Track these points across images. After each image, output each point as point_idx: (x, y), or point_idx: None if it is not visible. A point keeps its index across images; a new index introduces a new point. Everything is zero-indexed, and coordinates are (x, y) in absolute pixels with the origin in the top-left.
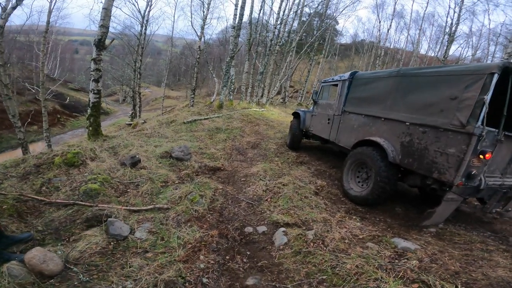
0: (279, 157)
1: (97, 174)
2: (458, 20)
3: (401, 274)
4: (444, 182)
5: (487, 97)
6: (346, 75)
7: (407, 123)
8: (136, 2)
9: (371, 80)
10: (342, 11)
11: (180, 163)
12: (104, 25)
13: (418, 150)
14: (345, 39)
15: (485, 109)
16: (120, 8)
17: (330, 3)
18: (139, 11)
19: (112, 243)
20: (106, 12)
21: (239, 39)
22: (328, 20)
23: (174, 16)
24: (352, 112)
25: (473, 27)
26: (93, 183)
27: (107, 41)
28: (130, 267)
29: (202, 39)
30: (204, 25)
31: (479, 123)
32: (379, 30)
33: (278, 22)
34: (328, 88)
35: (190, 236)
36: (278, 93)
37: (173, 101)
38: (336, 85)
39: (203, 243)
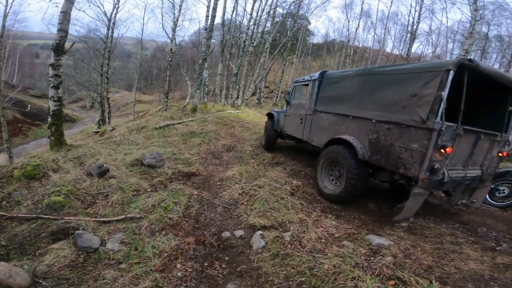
0: (255, 158)
1: (61, 186)
2: (419, 18)
3: (377, 271)
4: (410, 177)
5: (444, 93)
6: (316, 74)
7: (373, 121)
8: (102, 4)
9: (339, 79)
10: (313, 11)
11: (153, 170)
12: (63, 29)
13: (385, 146)
14: (317, 39)
15: (443, 105)
16: (83, 11)
17: (302, 3)
18: (105, 14)
19: (82, 256)
20: (65, 16)
21: (213, 40)
22: (300, 20)
23: (143, 19)
24: (323, 111)
25: (433, 25)
26: (57, 196)
27: (67, 45)
28: (103, 279)
29: (174, 42)
30: (175, 27)
31: (438, 118)
32: (348, 30)
33: (251, 23)
34: (300, 88)
35: (166, 245)
36: (253, 94)
37: (145, 106)
38: (307, 85)
39: (179, 251)
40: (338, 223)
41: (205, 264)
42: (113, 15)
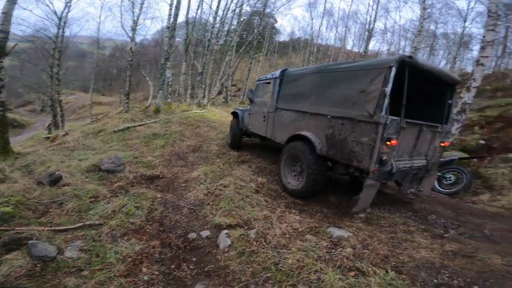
0: (221, 158)
1: (8, 196)
2: (375, 17)
3: (338, 263)
4: (362, 169)
5: (388, 89)
6: (277, 73)
7: (329, 117)
8: (51, 3)
9: (299, 77)
10: (279, 9)
11: (112, 175)
12: (3, 30)
13: (339, 141)
14: (283, 37)
15: (387, 100)
16: (30, 10)
17: (268, 1)
18: (55, 13)
19: (39, 265)
20: (6, 17)
21: (178, 39)
22: (267, 19)
23: (100, 17)
24: (284, 109)
25: (388, 24)
26: (5, 206)
27: (9, 46)
28: (64, 287)
29: (134, 41)
30: (136, 26)
31: (383, 112)
32: (312, 28)
33: (217, 21)
34: (263, 87)
35: (129, 250)
36: (220, 93)
37: (105, 108)
38: (269, 83)
39: (144, 255)
40: (301, 217)
41: (172, 266)
42: (64, 14)
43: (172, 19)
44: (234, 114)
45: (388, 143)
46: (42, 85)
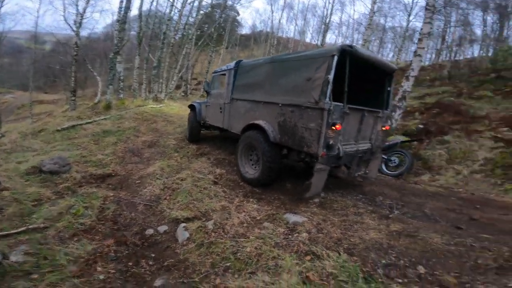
0: (179, 152)
1: None
2: (331, 10)
3: (295, 248)
4: (312, 154)
5: (331, 76)
6: (232, 64)
7: (280, 105)
8: None
9: (253, 67)
10: (241, 1)
11: (56, 176)
12: None
13: (290, 128)
14: (245, 30)
15: (330, 87)
16: None
17: None
18: None
19: None
20: None
21: (133, 32)
22: (229, 11)
23: (38, 11)
24: (239, 99)
25: (343, 17)
26: None
27: None
28: None
29: (79, 35)
30: (82, 19)
31: (327, 99)
32: (272, 21)
33: (173, 13)
34: (218, 78)
35: (81, 250)
36: (179, 87)
37: (49, 106)
38: (225, 74)
39: (98, 254)
40: (259, 206)
41: (130, 263)
42: None
43: (122, 12)
44: (192, 107)
45: (333, 128)
46: None
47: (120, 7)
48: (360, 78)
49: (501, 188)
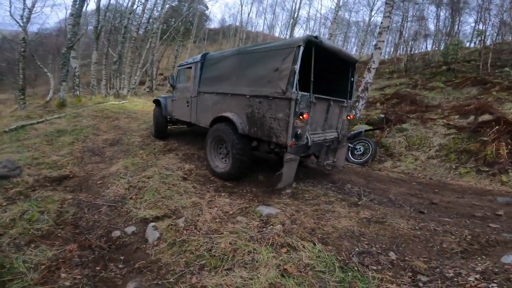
0: (144, 149)
1: None
2: (300, 5)
3: (270, 241)
4: (281, 145)
5: (297, 66)
6: (198, 57)
7: (247, 96)
8: None
9: (220, 59)
10: None
11: (6, 181)
12: None
13: (259, 119)
14: (214, 24)
15: (296, 77)
16: None
17: None
18: None
19: None
20: None
21: (90, 27)
22: (197, 5)
23: None
24: (206, 92)
25: (311, 12)
26: None
27: None
28: None
29: (27, 30)
30: (30, 14)
31: (294, 89)
32: (241, 15)
33: (135, 7)
34: (184, 72)
35: (40, 257)
36: (143, 82)
37: None
38: (191, 67)
39: (60, 260)
40: (231, 200)
41: (97, 268)
42: None
43: (77, 5)
44: (157, 102)
45: (300, 117)
46: None
47: (75, 0)
48: (324, 69)
49: (455, 172)
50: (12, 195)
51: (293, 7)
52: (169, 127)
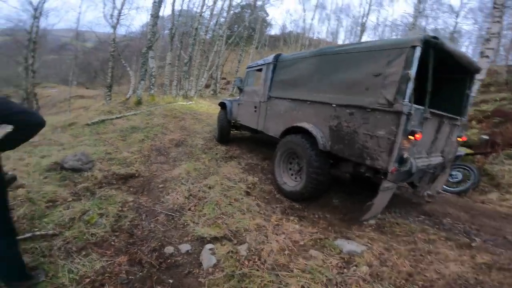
0: (207, 153)
1: None
2: (368, 10)
3: (353, 287)
4: (377, 169)
5: (412, 72)
6: (270, 58)
7: (333, 105)
8: None
9: (295, 61)
10: (271, 1)
11: (77, 174)
12: None
13: (347, 134)
14: (274, 31)
15: (411, 85)
16: (4, 1)
17: None
18: (31, 3)
19: None
20: None
21: (166, 31)
22: (258, 12)
23: (80, 7)
24: (278, 97)
25: (380, 18)
26: None
27: None
28: None
29: (116, 31)
30: (119, 15)
31: (407, 100)
32: (304, 21)
33: (204, 10)
34: (253, 74)
35: (87, 268)
36: (207, 86)
37: (89, 101)
38: (261, 69)
39: (107, 275)
40: (301, 226)
41: None
42: (40, 4)
43: (156, 6)
44: (222, 105)
45: (411, 137)
46: (19, 78)
47: (154, 1)
48: (437, 76)
49: None
50: (79, 191)
51: (362, 12)
52: (232, 132)
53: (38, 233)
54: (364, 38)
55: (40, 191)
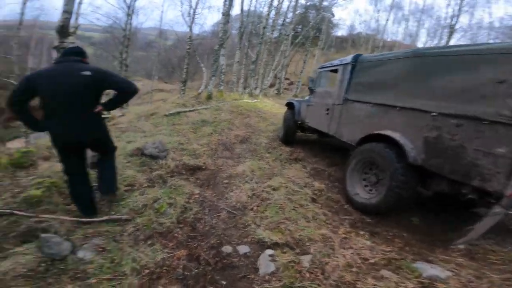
0: (271, 153)
1: (45, 177)
2: (459, 12)
3: None
4: (488, 192)
5: None
6: (348, 58)
7: (434, 114)
8: None
9: (380, 63)
10: (339, 1)
11: (154, 161)
12: (68, 11)
13: (451, 148)
14: (341, 31)
15: None
16: None
17: None
18: (124, 1)
19: (44, 264)
20: None
21: (234, 31)
22: (324, 13)
23: (163, 6)
24: (358, 101)
25: (472, 20)
26: (37, 189)
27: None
28: None
29: (191, 28)
30: (194, 14)
31: None
32: (378, 21)
33: (271, 10)
34: (327, 75)
35: (149, 258)
36: (272, 85)
37: (167, 94)
38: (336, 70)
39: (164, 268)
40: (373, 243)
41: None
42: (132, 2)
43: (227, 5)
44: (289, 105)
45: None
46: (115, 71)
47: (225, 1)
48: None
49: None
50: (153, 178)
51: (450, 13)
52: (297, 133)
53: (113, 217)
54: (452, 42)
55: (122, 174)
